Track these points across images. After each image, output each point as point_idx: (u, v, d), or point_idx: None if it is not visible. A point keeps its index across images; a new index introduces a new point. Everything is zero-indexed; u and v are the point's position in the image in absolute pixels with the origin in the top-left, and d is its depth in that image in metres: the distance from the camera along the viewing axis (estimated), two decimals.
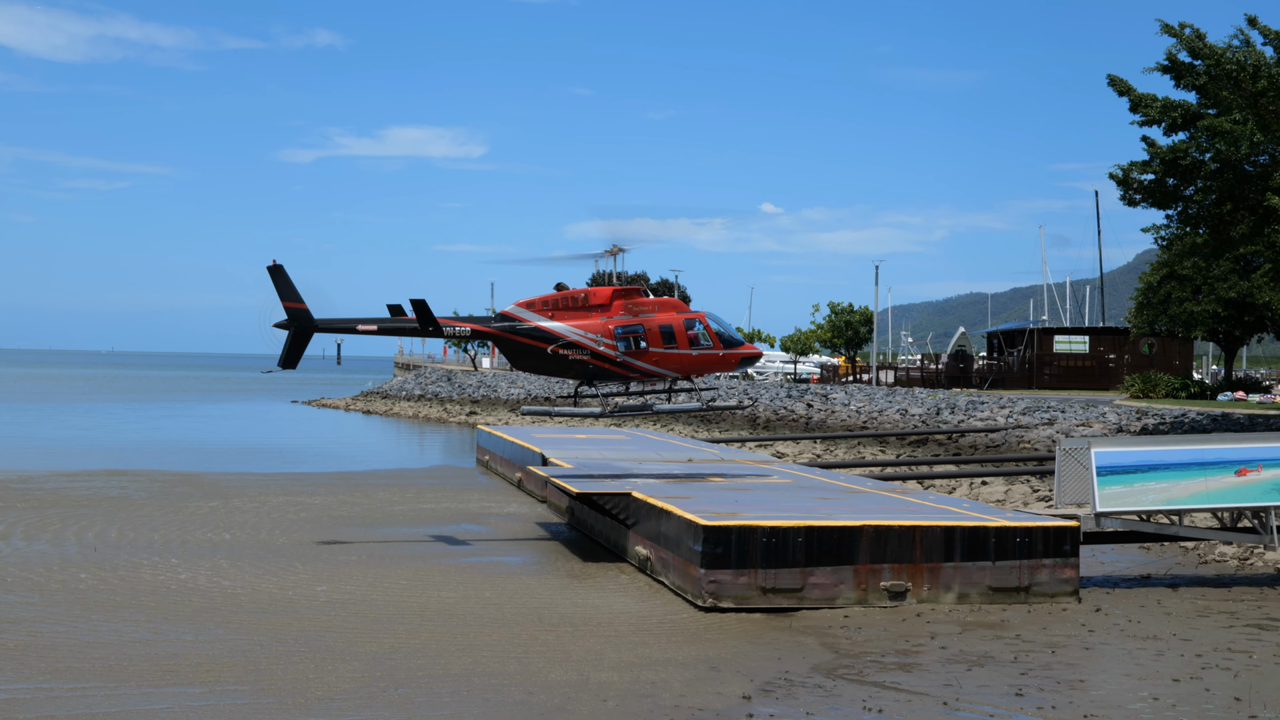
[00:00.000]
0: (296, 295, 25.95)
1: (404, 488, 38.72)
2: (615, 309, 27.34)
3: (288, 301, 25.94)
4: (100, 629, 18.27)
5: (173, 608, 19.84)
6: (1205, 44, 36.16)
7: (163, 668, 16.04)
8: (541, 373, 28.01)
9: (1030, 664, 16.76)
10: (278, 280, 25.94)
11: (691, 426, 65.27)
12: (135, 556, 24.79)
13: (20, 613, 19.30)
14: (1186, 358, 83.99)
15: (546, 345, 26.96)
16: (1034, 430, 46.64)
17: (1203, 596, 21.56)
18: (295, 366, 26.39)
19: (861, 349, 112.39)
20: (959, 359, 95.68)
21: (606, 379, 27.59)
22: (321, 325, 26.29)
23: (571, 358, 26.98)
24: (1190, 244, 40.11)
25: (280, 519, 30.65)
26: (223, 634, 18.02)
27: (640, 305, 27.54)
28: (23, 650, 16.85)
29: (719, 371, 28.42)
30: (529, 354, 27.21)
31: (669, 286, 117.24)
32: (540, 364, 27.38)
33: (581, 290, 27.53)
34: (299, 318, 26.01)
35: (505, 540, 28.18)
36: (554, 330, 27.00)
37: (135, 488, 37.10)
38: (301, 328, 26.09)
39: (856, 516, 21.08)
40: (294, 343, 26.22)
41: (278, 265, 25.89)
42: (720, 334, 27.79)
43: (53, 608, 19.72)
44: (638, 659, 16.85)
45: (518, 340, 27.10)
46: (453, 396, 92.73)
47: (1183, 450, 22.77)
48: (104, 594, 20.88)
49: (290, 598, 20.83)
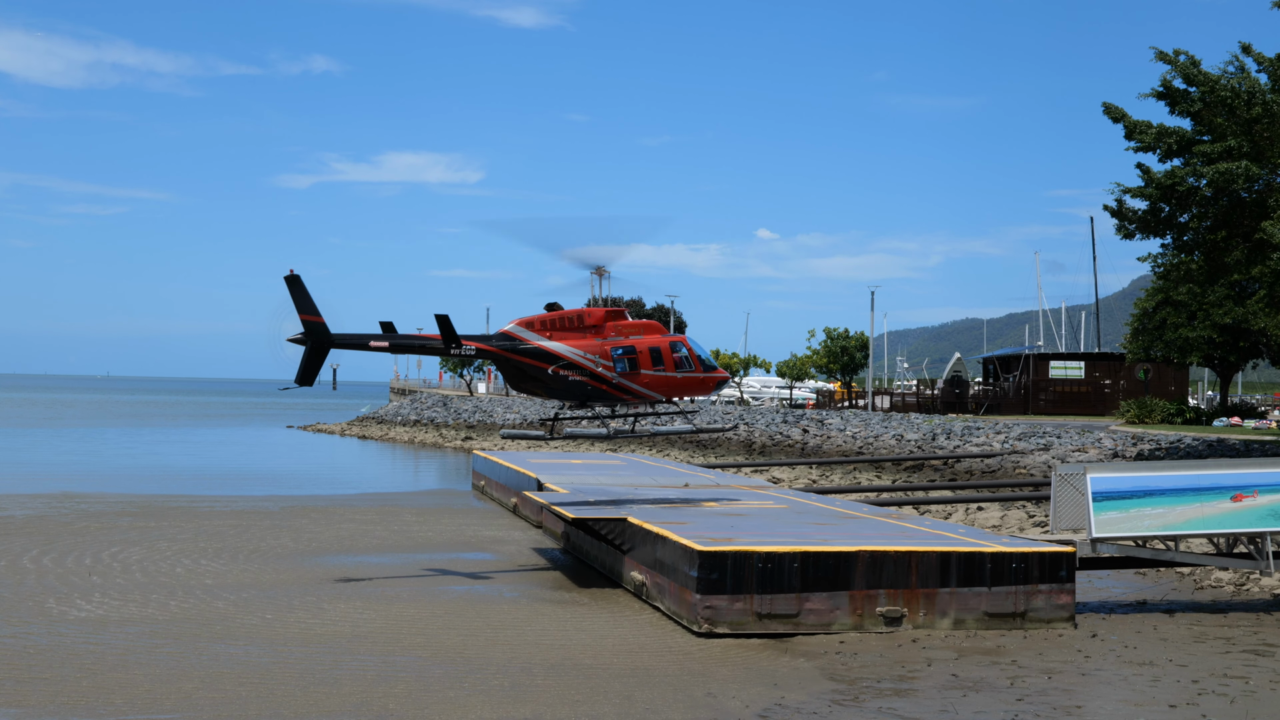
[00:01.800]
0: (314, 308, 24.75)
1: (398, 513, 38.62)
2: (608, 330, 27.12)
3: (305, 314, 24.69)
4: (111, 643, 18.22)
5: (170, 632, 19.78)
6: (1200, 71, 36.33)
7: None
8: (540, 394, 27.45)
9: (1026, 690, 16.71)
10: (294, 291, 24.66)
11: (687, 452, 65.21)
12: (123, 582, 24.70)
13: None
14: (1182, 383, 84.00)
15: (547, 365, 26.50)
16: (1030, 456, 46.61)
17: (1199, 622, 21.51)
18: (312, 383, 25.28)
19: (857, 374, 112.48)
20: (955, 384, 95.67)
21: (601, 400, 27.23)
22: (336, 340, 25.13)
23: (571, 378, 26.55)
24: (1185, 270, 40.18)
25: (267, 545, 30.56)
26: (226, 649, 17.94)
27: (627, 328, 27.38)
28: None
29: (699, 395, 28.39)
30: (530, 374, 26.65)
31: (665, 312, 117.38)
32: (540, 384, 26.83)
33: (576, 311, 27.24)
34: (316, 331, 24.82)
35: (500, 565, 28.09)
36: (554, 350, 26.54)
37: (118, 513, 36.98)
38: (319, 342, 24.87)
39: (852, 542, 21.04)
40: (311, 357, 24.97)
41: (295, 275, 24.58)
42: (700, 357, 27.80)
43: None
44: (633, 685, 16.80)
45: (519, 360, 26.53)
46: (448, 421, 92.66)
47: (1179, 476, 22.73)
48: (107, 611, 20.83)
49: (262, 624, 20.76)
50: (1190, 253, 39.21)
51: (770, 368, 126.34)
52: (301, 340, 24.81)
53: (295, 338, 24.84)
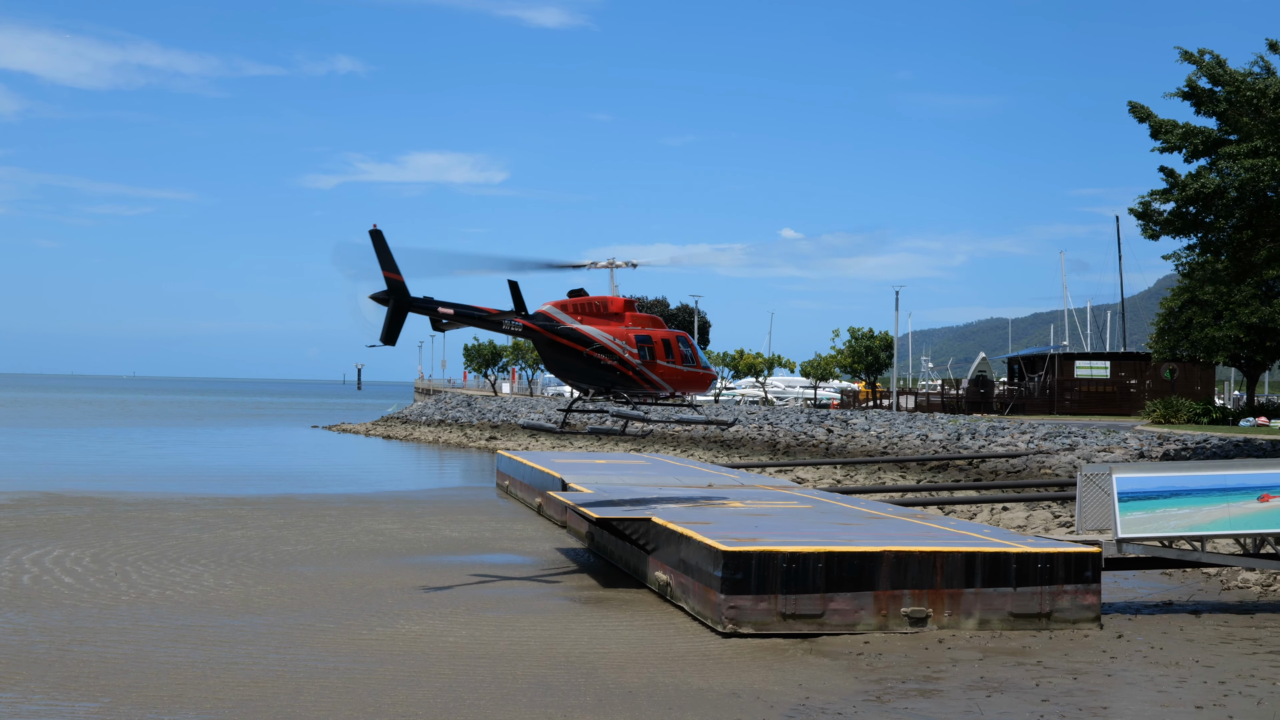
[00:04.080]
0: (395, 265, 23.98)
1: (423, 512, 38.73)
2: (627, 319, 27.08)
3: (388, 271, 23.90)
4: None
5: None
6: (1225, 70, 36.19)
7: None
8: (574, 375, 26.93)
9: (1052, 691, 16.68)
10: (378, 247, 23.87)
11: (711, 452, 65.24)
12: (157, 572, 24.85)
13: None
14: (1208, 383, 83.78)
15: (583, 348, 26.24)
16: (1055, 456, 46.50)
17: (1225, 623, 21.44)
18: (395, 342, 24.50)
19: (882, 374, 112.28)
20: (979, 384, 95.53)
21: (627, 388, 27.04)
22: (412, 304, 24.30)
23: (604, 362, 26.34)
24: (1211, 270, 40.05)
25: (291, 547, 30.70)
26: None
27: (638, 319, 27.36)
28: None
29: (698, 391, 28.30)
30: (566, 355, 26.27)
31: (689, 312, 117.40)
32: (575, 366, 26.47)
33: (601, 298, 27.04)
34: (398, 290, 24.05)
35: (525, 564, 28.16)
36: (588, 334, 26.27)
37: (144, 510, 37.19)
38: (400, 300, 24.10)
39: (877, 542, 21.03)
40: (394, 316, 24.15)
41: (378, 230, 23.79)
42: (698, 355, 27.84)
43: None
44: (657, 685, 16.82)
45: (556, 340, 26.17)
46: (472, 421, 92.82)
47: (1205, 476, 22.66)
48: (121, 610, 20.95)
49: (298, 628, 20.85)
50: (1217, 253, 39.07)
51: (794, 368, 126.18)
52: (384, 298, 24.10)
53: (378, 295, 24.11)
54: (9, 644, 18.83)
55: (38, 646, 18.72)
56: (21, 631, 19.82)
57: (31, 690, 16.15)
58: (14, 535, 31.13)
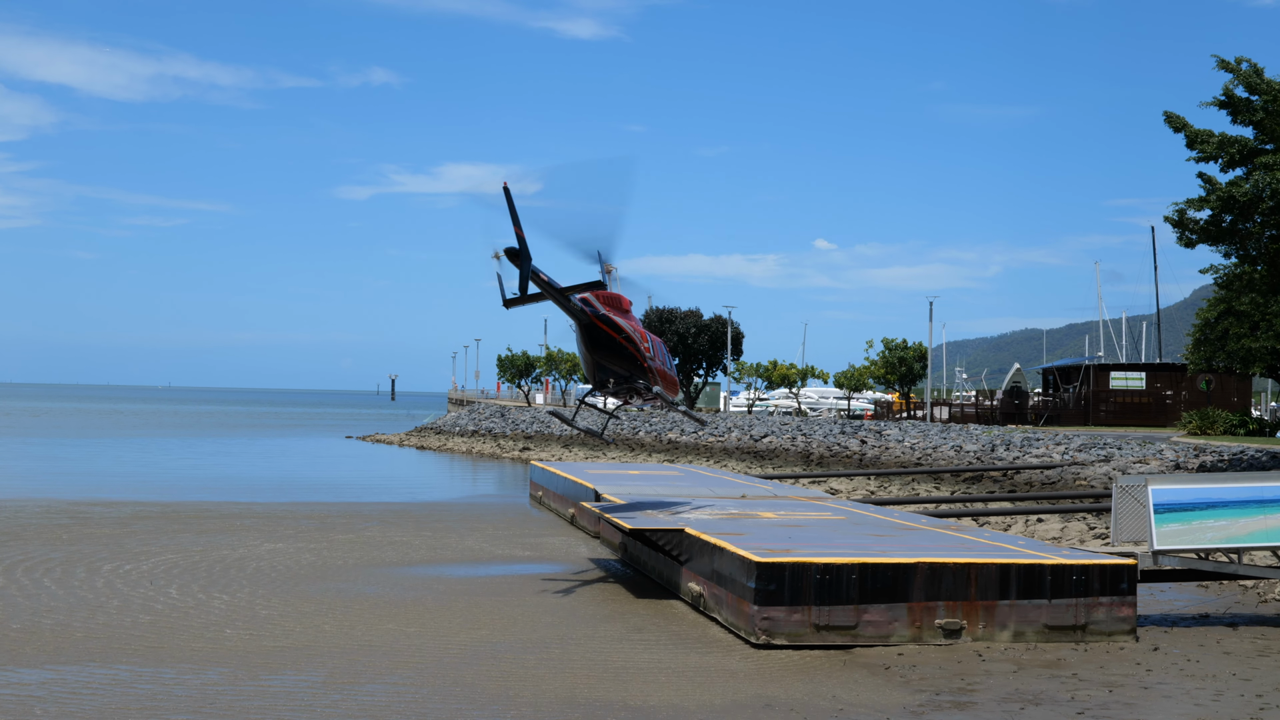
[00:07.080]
0: (520, 225, 23.43)
1: (457, 523, 38.83)
2: (631, 319, 27.18)
3: (518, 228, 23.33)
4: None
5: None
6: (1263, 79, 36.01)
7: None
8: (606, 358, 26.48)
9: (1087, 703, 16.60)
10: (511, 202, 23.16)
11: (744, 463, 65.19)
12: (179, 590, 24.99)
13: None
14: (1245, 394, 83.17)
15: (616, 335, 26.19)
16: (1090, 467, 46.27)
17: (1263, 636, 21.29)
18: (524, 296, 24.11)
19: (916, 385, 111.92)
20: (1014, 395, 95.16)
21: (643, 378, 26.94)
22: (526, 266, 23.67)
23: (628, 351, 26.39)
24: (1248, 280, 39.82)
25: (321, 560, 30.82)
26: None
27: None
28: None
29: (674, 393, 28.49)
30: (604, 343, 26.12)
31: (722, 323, 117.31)
32: (609, 355, 26.30)
33: (616, 294, 27.04)
34: (526, 250, 23.36)
35: (556, 574, 28.19)
36: (619, 323, 26.31)
37: (170, 520, 37.38)
38: (527, 260, 23.56)
39: (911, 553, 20.97)
40: (524, 271, 23.65)
41: (508, 187, 23.16)
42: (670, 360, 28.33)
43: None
44: (689, 697, 16.81)
45: (597, 325, 26.03)
46: (506, 432, 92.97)
47: (1242, 488, 22.52)
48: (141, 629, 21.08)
49: (328, 634, 20.94)
50: (1254, 263, 38.84)
51: (828, 378, 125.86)
52: (515, 254, 23.64)
53: (511, 249, 23.65)
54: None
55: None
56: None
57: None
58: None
